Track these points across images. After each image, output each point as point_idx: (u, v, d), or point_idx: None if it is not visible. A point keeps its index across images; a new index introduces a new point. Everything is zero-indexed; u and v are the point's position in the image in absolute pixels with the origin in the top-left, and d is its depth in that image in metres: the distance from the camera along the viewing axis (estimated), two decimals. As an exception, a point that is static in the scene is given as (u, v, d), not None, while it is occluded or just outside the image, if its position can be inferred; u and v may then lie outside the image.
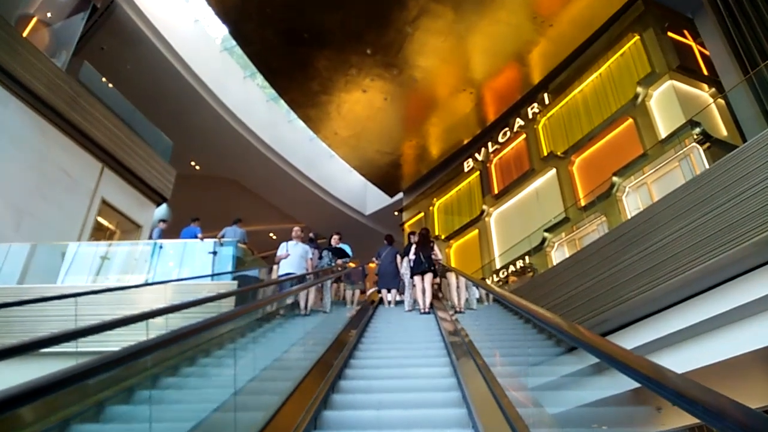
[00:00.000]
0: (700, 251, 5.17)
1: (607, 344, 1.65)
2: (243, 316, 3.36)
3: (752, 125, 8.65)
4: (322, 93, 13.85)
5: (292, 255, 7.94)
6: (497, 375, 3.58)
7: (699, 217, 5.29)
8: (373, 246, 15.98)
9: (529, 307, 2.71)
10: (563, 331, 2.09)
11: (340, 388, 3.88)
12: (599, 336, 1.83)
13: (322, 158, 20.45)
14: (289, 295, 6.51)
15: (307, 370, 3.77)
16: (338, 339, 5.32)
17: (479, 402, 3.15)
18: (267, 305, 5.59)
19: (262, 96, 18.98)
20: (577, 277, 6.79)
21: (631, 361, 1.43)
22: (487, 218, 14.13)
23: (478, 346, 4.72)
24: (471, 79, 13.44)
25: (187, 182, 18.13)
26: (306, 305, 7.30)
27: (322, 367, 4.04)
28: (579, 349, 1.85)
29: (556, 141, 12.55)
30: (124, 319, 2.38)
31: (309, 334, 5.53)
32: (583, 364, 3.41)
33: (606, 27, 11.60)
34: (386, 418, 3.17)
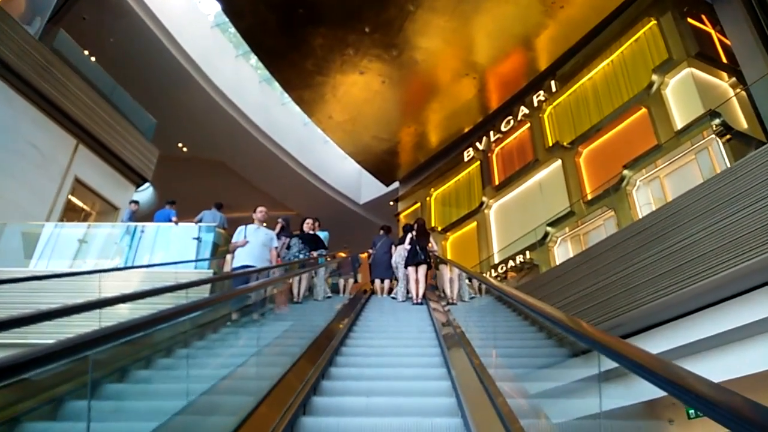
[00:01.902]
0: (733, 252, 4.57)
1: (621, 343, 1.51)
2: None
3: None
4: (317, 74, 13.12)
5: (252, 243, 6.52)
6: (488, 366, 3.51)
7: (732, 213, 4.68)
8: (367, 236, 15.36)
9: (527, 300, 2.62)
10: (571, 329, 1.91)
11: (330, 375, 3.86)
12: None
13: (315, 144, 19.73)
14: (241, 295, 4.31)
15: (297, 357, 3.70)
16: (329, 327, 5.28)
17: (468, 392, 3.15)
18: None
19: (255, 77, 18.22)
20: (588, 276, 6.19)
21: (656, 366, 1.26)
22: (486, 210, 13.50)
23: (470, 337, 4.63)
24: (474, 63, 12.74)
25: (174, 164, 17.43)
26: (299, 293, 7.30)
27: (312, 354, 3.99)
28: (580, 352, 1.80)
29: (563, 131, 11.90)
30: (59, 309, 1.89)
31: (300, 321, 5.74)
32: (587, 367, 2.95)
33: (620, 10, 10.92)
34: (376, 405, 3.17)
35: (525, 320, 5.66)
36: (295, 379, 3.25)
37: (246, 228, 6.66)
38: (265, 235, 6.67)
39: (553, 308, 2.36)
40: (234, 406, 2.72)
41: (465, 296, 8.25)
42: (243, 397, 2.84)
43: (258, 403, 2.67)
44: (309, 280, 7.79)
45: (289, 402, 2.84)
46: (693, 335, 5.02)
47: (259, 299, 4.59)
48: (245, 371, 3.29)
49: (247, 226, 6.70)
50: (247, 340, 4.27)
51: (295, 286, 7.33)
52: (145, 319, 1.81)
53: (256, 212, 6.87)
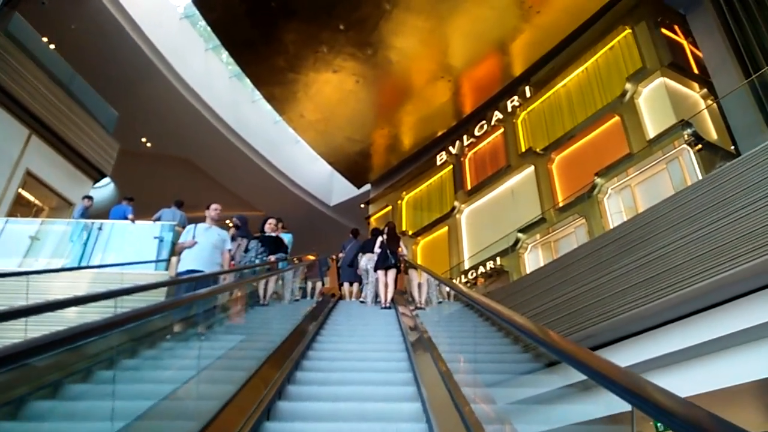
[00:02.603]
0: (709, 263, 4.44)
1: (588, 354, 1.47)
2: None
3: (750, 129, 8.07)
4: (289, 70, 12.75)
5: (202, 244, 5.67)
6: (454, 371, 3.49)
7: (709, 224, 4.56)
8: (337, 239, 15.02)
9: (494, 307, 2.61)
10: (538, 338, 1.85)
11: (296, 380, 3.79)
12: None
13: (286, 143, 19.28)
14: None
15: (262, 361, 3.62)
16: (296, 330, 5.14)
17: (434, 398, 3.13)
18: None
19: (225, 72, 17.69)
20: (560, 285, 6.02)
21: (620, 378, 1.24)
22: (458, 215, 13.34)
23: (437, 342, 4.59)
24: (450, 65, 12.58)
25: (137, 160, 16.78)
26: (265, 295, 6.71)
27: (279, 357, 3.89)
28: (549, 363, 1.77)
29: (536, 137, 11.82)
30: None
31: (265, 324, 5.54)
32: (556, 378, 2.92)
33: (596, 18, 10.92)
34: (341, 410, 3.12)
35: (492, 326, 5.46)
36: (260, 384, 3.15)
37: (195, 227, 5.87)
38: (217, 235, 5.90)
39: (520, 316, 2.30)
40: (196, 412, 2.63)
41: (433, 301, 8.05)
42: (205, 402, 2.76)
43: (220, 409, 2.60)
44: (276, 282, 7.43)
45: (252, 407, 2.76)
46: (665, 348, 4.89)
47: (211, 307, 4.24)
48: (207, 375, 3.11)
49: (196, 225, 5.91)
50: (203, 348, 3.95)
51: (261, 288, 6.94)
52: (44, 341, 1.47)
53: (210, 209, 6.09)
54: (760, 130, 7.77)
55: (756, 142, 7.93)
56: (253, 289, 6.39)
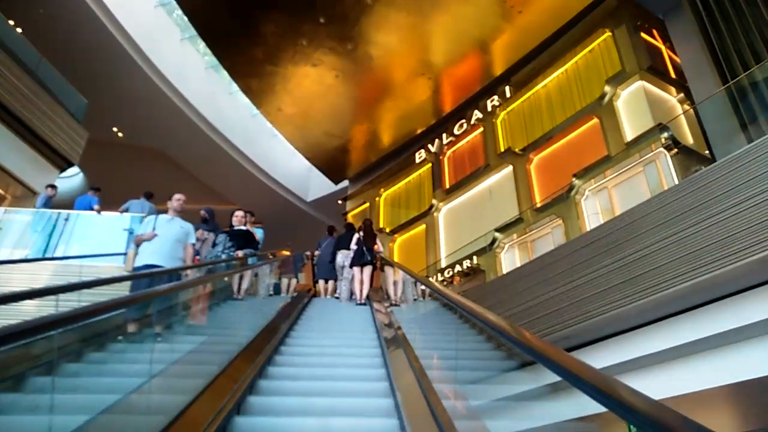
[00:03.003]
0: (689, 266, 4.43)
1: (562, 355, 1.44)
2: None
3: (725, 135, 8.18)
4: (268, 63, 12.49)
5: (162, 237, 5.20)
6: (427, 368, 3.46)
7: (689, 226, 4.55)
8: (314, 235, 14.82)
9: (468, 305, 2.61)
10: (512, 337, 1.82)
11: (268, 374, 3.74)
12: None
13: (263, 137, 18.93)
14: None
15: (234, 355, 3.53)
16: (270, 326, 5.03)
17: (406, 393, 3.13)
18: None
19: (201, 63, 17.25)
20: (538, 285, 5.98)
21: (592, 378, 1.22)
22: (435, 213, 13.28)
23: (411, 339, 4.53)
24: (431, 63, 12.50)
25: (108, 150, 16.29)
26: (239, 289, 6.52)
27: (251, 352, 3.82)
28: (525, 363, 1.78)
29: (515, 137, 11.84)
30: None
31: (239, 319, 5.45)
32: (531, 378, 2.98)
33: (577, 20, 10.96)
34: (313, 405, 3.11)
35: (466, 323, 5.40)
36: (231, 378, 3.10)
37: (156, 218, 5.41)
38: (179, 228, 5.43)
39: (494, 314, 2.27)
40: (163, 406, 2.55)
41: (408, 298, 8.05)
42: (174, 397, 2.69)
43: (190, 402, 2.52)
44: (251, 276, 7.23)
45: (223, 401, 2.72)
46: (642, 350, 4.87)
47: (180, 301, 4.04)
48: (176, 370, 3.10)
49: (158, 216, 5.47)
50: (171, 342, 3.78)
51: (235, 282, 6.71)
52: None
53: (172, 200, 5.65)
54: (735, 136, 7.89)
55: (731, 148, 8.09)
56: (226, 284, 6.19)
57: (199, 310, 4.64)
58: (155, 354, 3.34)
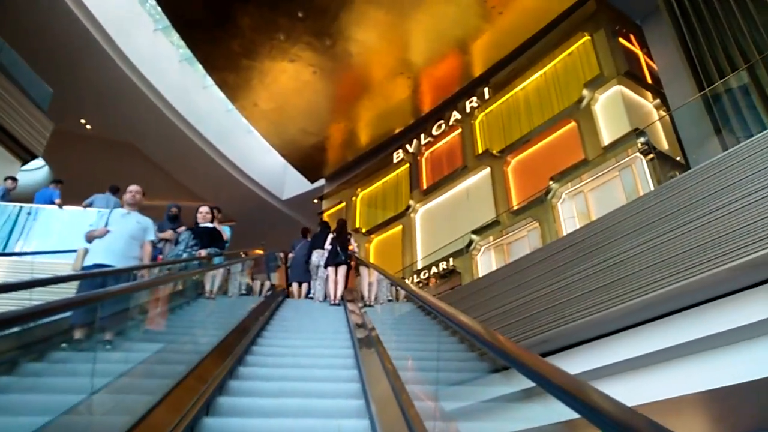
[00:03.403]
0: (665, 272, 4.37)
1: (534, 359, 1.43)
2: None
3: (699, 141, 8.25)
4: (244, 56, 12.18)
5: (116, 233, 4.69)
6: (399, 369, 3.48)
7: (666, 232, 4.50)
8: (289, 233, 14.55)
9: (440, 306, 2.64)
10: (486, 341, 1.83)
11: (239, 374, 3.72)
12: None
13: (238, 133, 18.53)
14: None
15: (204, 355, 3.49)
16: (241, 325, 4.98)
17: (378, 395, 3.13)
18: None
19: (175, 55, 16.79)
20: (515, 289, 5.88)
21: (564, 383, 1.22)
22: (412, 214, 13.16)
23: (384, 339, 4.55)
24: (410, 62, 12.37)
25: (75, 142, 15.74)
26: (212, 288, 6.21)
27: (221, 351, 3.79)
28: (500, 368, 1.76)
29: (493, 139, 11.79)
30: None
31: (209, 318, 5.32)
32: (505, 383, 2.86)
33: (557, 23, 10.97)
34: (284, 406, 3.10)
35: (439, 325, 5.30)
36: (199, 379, 3.08)
37: (111, 212, 4.88)
38: (136, 224, 4.88)
39: (467, 317, 2.25)
40: (128, 407, 2.52)
41: (382, 299, 8.00)
42: (140, 396, 2.66)
43: (156, 403, 2.49)
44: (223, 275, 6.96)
45: (191, 402, 2.69)
46: (619, 355, 4.80)
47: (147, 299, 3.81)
48: (144, 369, 3.09)
49: (112, 210, 4.97)
50: (135, 341, 3.74)
51: (208, 281, 6.44)
52: None
53: (126, 193, 5.13)
54: (707, 142, 7.96)
55: (703, 154, 8.17)
56: (194, 283, 5.93)
57: (162, 311, 4.41)
58: (115, 356, 3.21)
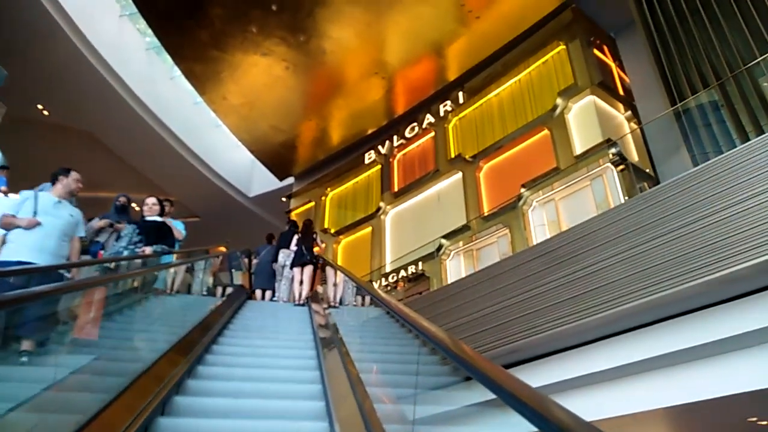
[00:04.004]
0: (639, 284, 4.32)
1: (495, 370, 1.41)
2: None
3: (668, 154, 8.36)
4: (214, 47, 11.78)
5: (49, 227, 3.91)
6: (361, 371, 3.43)
7: (641, 243, 4.45)
8: (255, 232, 14.18)
9: (402, 310, 2.68)
10: (450, 350, 1.78)
11: (198, 374, 3.60)
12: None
13: (205, 127, 17.95)
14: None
15: (160, 354, 3.36)
16: (202, 324, 4.80)
17: (338, 397, 3.11)
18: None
19: (141, 43, 16.14)
20: (487, 297, 5.76)
21: (524, 396, 1.22)
22: (383, 216, 12.98)
23: (347, 341, 4.48)
24: (385, 62, 12.20)
25: (32, 129, 14.94)
26: (173, 285, 5.88)
27: (178, 352, 3.62)
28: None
29: (466, 144, 11.74)
30: None
31: (169, 316, 5.18)
32: (468, 392, 2.62)
33: (533, 30, 11.00)
34: (243, 406, 3.03)
35: (402, 327, 5.16)
36: (154, 378, 2.96)
37: (37, 197, 4.01)
38: (69, 217, 4.13)
39: (428, 322, 2.21)
40: (79, 405, 2.41)
41: (348, 301, 8.01)
42: (92, 395, 2.55)
43: (109, 402, 2.40)
44: (185, 273, 6.61)
45: (145, 401, 2.60)
46: (590, 367, 4.74)
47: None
48: (95, 367, 2.94)
49: (38, 194, 4.10)
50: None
51: (169, 278, 6.04)
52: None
53: (68, 177, 4.40)
54: (677, 156, 8.06)
55: (672, 167, 8.28)
56: (151, 279, 5.56)
57: (113, 309, 4.08)
58: (65, 349, 3.07)
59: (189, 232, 18.45)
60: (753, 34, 7.39)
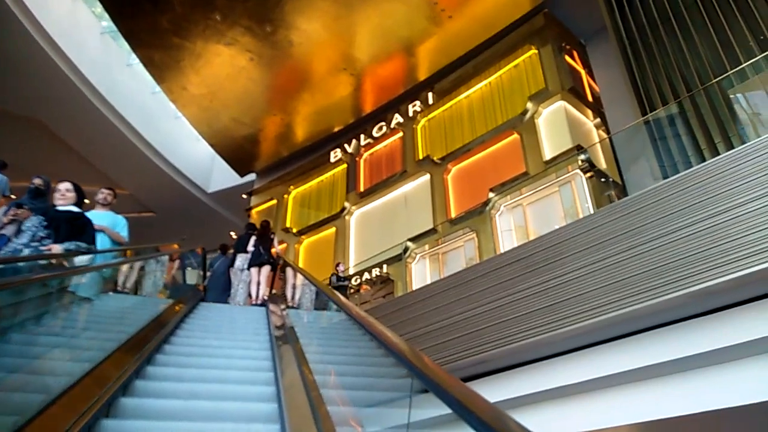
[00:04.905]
0: (616, 295, 4.15)
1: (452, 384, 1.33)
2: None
3: (635, 163, 8.36)
4: (174, 34, 11.18)
5: None
6: (315, 372, 3.39)
7: (620, 252, 4.28)
8: (213, 230, 13.61)
9: (358, 314, 2.68)
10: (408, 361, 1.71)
11: (147, 374, 3.46)
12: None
13: (163, 118, 17.15)
14: None
15: (108, 353, 3.24)
16: (153, 323, 4.57)
17: (291, 399, 3.04)
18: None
19: (97, 27, 15.26)
20: (456, 303, 5.50)
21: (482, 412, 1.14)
22: (347, 217, 12.63)
23: (304, 342, 4.36)
24: (354, 58, 11.88)
25: (-29, 114, 13.87)
26: (125, 283, 5.52)
27: (126, 352, 3.48)
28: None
29: (434, 145, 11.54)
30: None
31: (118, 314, 4.89)
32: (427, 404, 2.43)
33: (505, 33, 10.89)
34: (193, 408, 2.95)
35: (364, 335, 4.89)
36: (100, 378, 2.84)
37: None
38: None
39: (385, 327, 2.11)
40: (17, 406, 2.33)
41: (305, 304, 7.60)
42: (31, 395, 2.45)
43: (49, 403, 2.30)
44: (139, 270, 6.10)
45: (88, 404, 2.48)
46: (562, 379, 4.54)
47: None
48: (36, 366, 2.87)
49: None
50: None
51: (121, 275, 5.52)
52: None
53: None
54: (644, 165, 8.06)
55: (639, 175, 8.29)
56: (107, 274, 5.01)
57: (53, 306, 3.64)
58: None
59: (143, 227, 17.73)
60: (723, 44, 7.45)
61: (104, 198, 5.42)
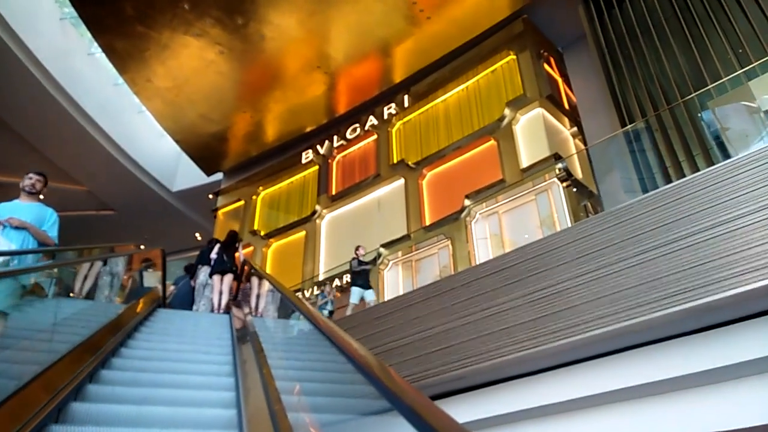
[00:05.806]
0: (607, 309, 3.93)
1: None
2: None
3: (609, 173, 8.27)
4: (139, 22, 10.59)
5: None
6: (277, 378, 3.25)
7: (611, 264, 4.06)
8: (177, 231, 12.99)
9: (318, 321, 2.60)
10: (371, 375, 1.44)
11: (101, 378, 3.36)
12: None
13: (126, 112, 16.35)
14: None
15: (60, 355, 3.06)
16: (109, 326, 4.38)
17: (252, 406, 2.96)
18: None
19: (56, 12, 14.44)
20: (434, 315, 5.21)
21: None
22: (318, 220, 12.22)
23: (267, 347, 4.19)
24: (328, 56, 11.51)
25: None
26: (81, 287, 4.87)
27: (78, 355, 3.32)
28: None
29: (409, 149, 11.27)
30: None
31: (73, 317, 4.45)
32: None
33: (484, 37, 10.74)
34: (148, 414, 2.80)
35: (325, 340, 4.59)
36: (48, 384, 2.71)
37: None
38: None
39: (350, 338, 1.98)
40: None
41: (270, 313, 7.28)
42: None
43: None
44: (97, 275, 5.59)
45: (36, 409, 2.40)
46: (547, 397, 4.30)
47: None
48: None
49: None
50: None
51: (79, 280, 4.99)
52: None
53: None
54: (622, 175, 7.98)
55: (614, 185, 8.20)
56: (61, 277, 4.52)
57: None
58: None
59: (102, 225, 16.86)
60: (702, 56, 7.43)
61: (32, 185, 4.33)
